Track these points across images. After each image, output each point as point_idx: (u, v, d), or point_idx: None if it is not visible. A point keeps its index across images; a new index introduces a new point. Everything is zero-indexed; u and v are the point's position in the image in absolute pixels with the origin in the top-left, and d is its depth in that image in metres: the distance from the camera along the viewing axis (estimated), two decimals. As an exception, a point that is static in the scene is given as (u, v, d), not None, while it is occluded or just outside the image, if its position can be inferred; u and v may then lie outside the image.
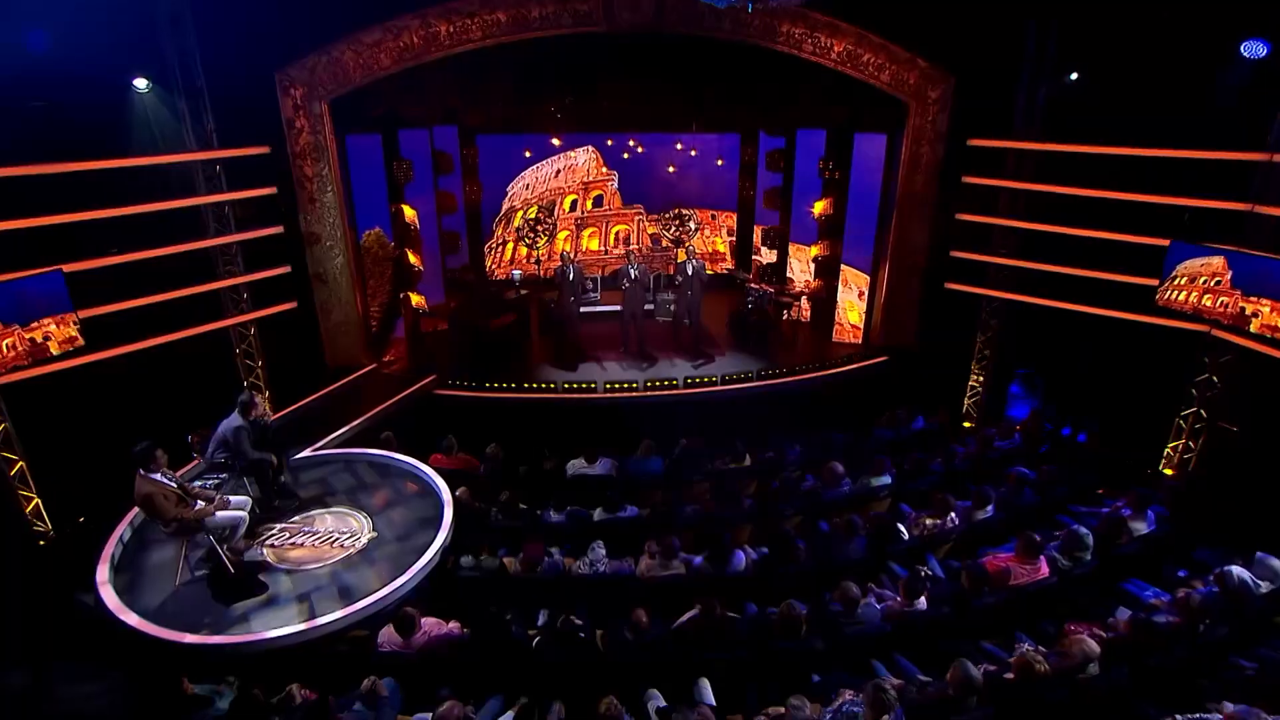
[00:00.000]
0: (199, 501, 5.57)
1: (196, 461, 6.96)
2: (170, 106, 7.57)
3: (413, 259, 10.68)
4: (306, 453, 7.58)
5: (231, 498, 5.91)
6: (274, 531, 6.20)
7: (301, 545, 6.03)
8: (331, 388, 9.10)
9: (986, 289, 9.81)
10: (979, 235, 9.59)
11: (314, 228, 9.13)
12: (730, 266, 13.32)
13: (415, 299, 10.72)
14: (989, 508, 6.80)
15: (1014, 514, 6.86)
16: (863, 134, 10.42)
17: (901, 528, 6.50)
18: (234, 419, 6.08)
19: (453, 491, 6.64)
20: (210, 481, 6.03)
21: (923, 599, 5.48)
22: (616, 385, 9.41)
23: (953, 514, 6.76)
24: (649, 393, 9.38)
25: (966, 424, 10.42)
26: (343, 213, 9.31)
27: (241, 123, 8.04)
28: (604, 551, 5.98)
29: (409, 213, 10.68)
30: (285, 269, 8.80)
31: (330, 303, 9.43)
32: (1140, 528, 6.36)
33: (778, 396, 9.64)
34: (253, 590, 5.47)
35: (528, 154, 12.31)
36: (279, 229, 8.57)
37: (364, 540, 6.07)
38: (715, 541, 6.05)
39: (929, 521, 6.76)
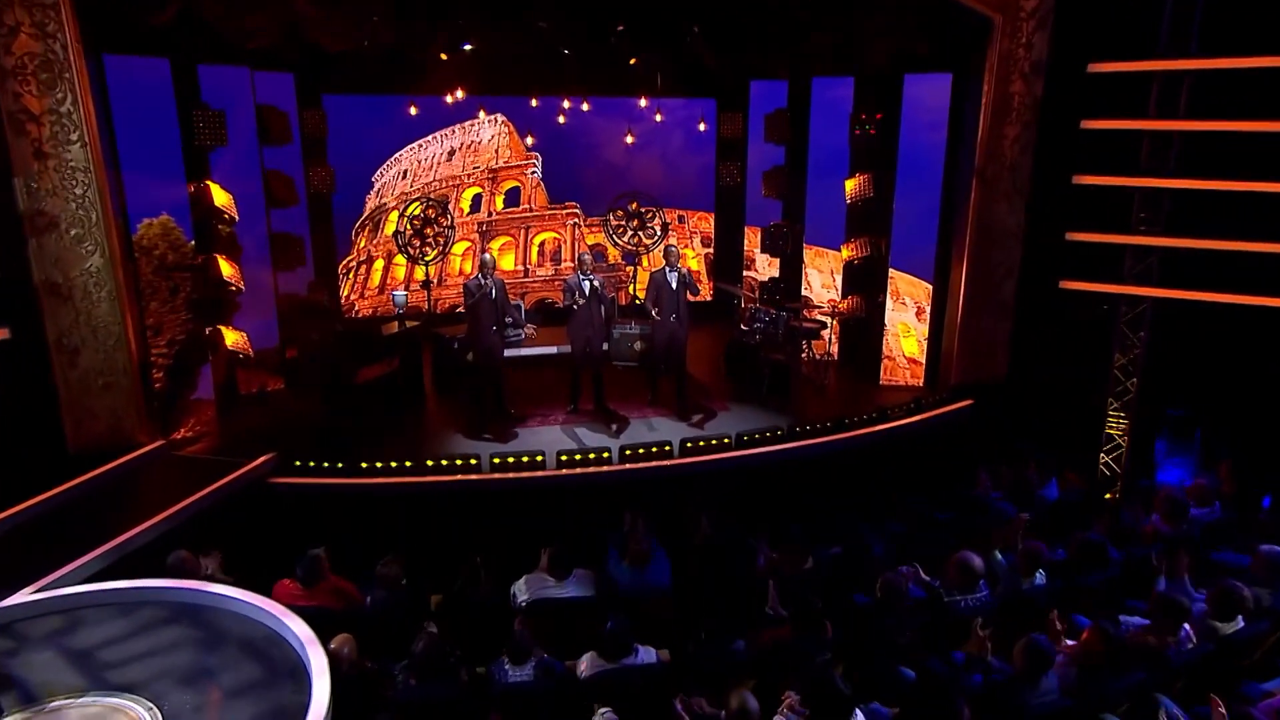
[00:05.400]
0: None
1: None
2: None
3: (226, 270, 9.56)
4: (24, 597, 6.08)
5: None
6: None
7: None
8: (77, 481, 7.88)
9: (1125, 285, 9.36)
10: (1110, 207, 9.15)
11: (44, 203, 7.82)
12: (724, 284, 13.12)
13: (231, 336, 9.69)
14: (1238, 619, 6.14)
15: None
16: (916, 75, 10.04)
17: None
18: None
19: (324, 644, 5.15)
20: None
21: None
22: (576, 457, 8.64)
23: (1186, 627, 6.10)
24: (629, 465, 8.69)
25: (1107, 494, 9.80)
26: (102, 183, 8.02)
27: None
28: (618, 728, 5.11)
29: (220, 196, 9.56)
30: (-17, 272, 7.69)
31: (76, 334, 8.18)
32: None
33: (818, 462, 9.23)
34: None
35: (413, 110, 11.49)
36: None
37: (146, 755, 4.78)
38: (822, 697, 5.02)
39: (1151, 640, 5.99)
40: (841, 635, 6.17)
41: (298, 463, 8.37)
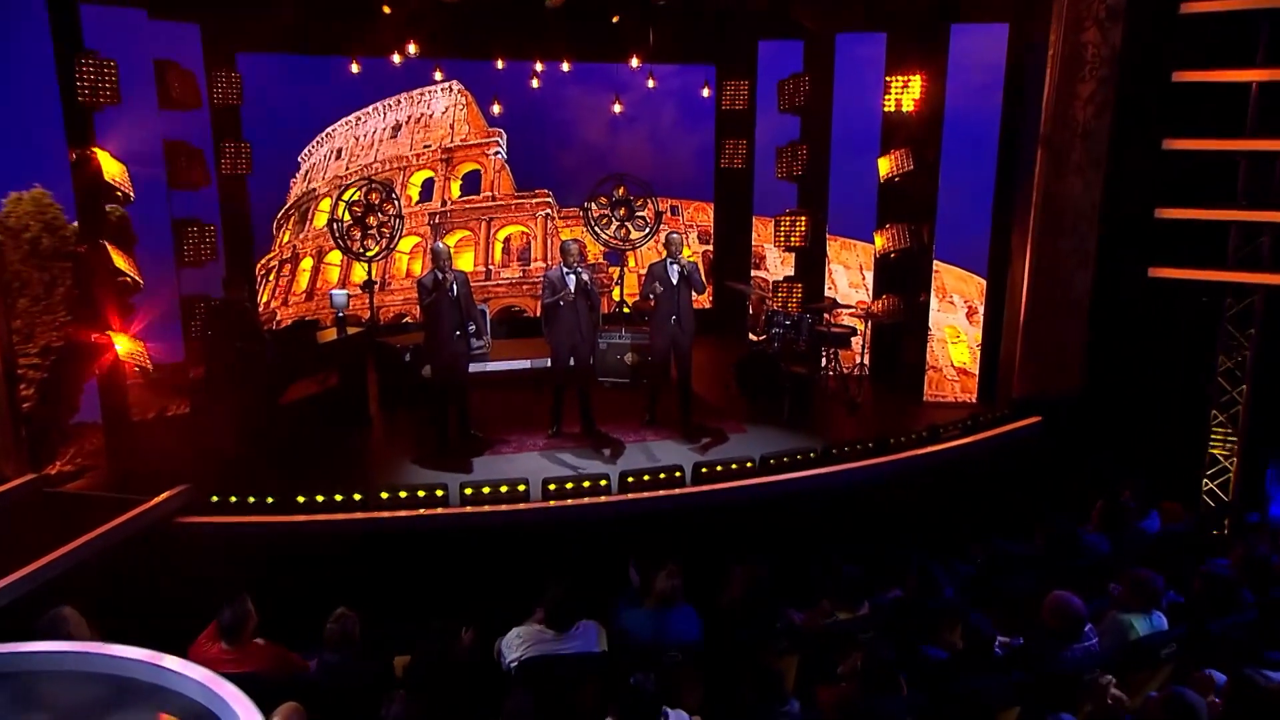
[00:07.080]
0: None
1: None
2: None
3: (119, 262, 9.24)
4: None
5: None
6: None
7: None
8: (-81, 525, 7.52)
9: (1230, 272, 9.28)
10: (1210, 177, 9.14)
11: (-118, 166, 7.60)
12: (734, 284, 12.82)
13: (124, 344, 9.37)
14: None
15: None
16: (964, 25, 10.10)
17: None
18: None
19: (266, 717, 4.57)
20: None
21: None
22: (568, 486, 8.57)
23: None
24: (633, 495, 8.64)
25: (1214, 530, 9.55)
26: (-44, 142, 7.84)
27: None
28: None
29: (110, 167, 9.19)
30: None
31: (-79, 337, 7.87)
32: None
33: (859, 490, 9.26)
34: None
35: (355, 68, 11.27)
36: None
37: None
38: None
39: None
40: (918, 695, 5.94)
41: (215, 498, 8.06)
